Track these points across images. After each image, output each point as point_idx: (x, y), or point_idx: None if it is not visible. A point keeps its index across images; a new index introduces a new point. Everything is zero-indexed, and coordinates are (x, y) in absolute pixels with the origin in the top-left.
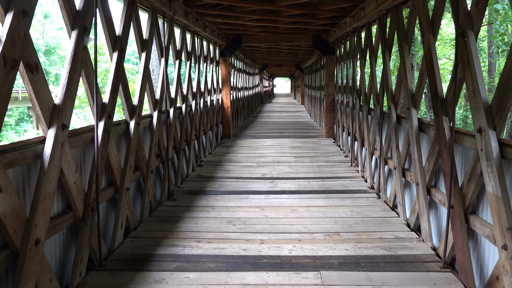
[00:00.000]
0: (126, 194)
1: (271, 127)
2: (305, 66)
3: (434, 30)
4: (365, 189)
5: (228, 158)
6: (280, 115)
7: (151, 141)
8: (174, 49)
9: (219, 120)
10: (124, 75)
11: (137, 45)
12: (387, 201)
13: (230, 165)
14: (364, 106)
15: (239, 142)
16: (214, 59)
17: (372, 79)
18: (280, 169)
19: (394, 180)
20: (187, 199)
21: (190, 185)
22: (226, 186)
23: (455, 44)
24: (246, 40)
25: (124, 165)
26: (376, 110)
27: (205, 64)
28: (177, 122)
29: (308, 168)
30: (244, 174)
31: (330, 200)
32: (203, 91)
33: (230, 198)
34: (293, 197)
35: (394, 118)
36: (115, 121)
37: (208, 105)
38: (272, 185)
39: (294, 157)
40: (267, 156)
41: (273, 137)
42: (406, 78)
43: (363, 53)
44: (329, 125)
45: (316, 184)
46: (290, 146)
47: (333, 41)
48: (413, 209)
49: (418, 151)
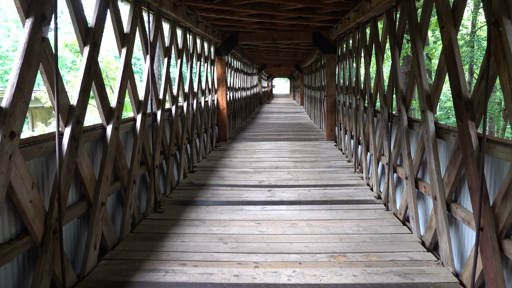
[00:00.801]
0: (101, 210)
1: (270, 129)
2: (304, 66)
3: (456, 21)
4: (371, 199)
5: (223, 163)
6: (279, 116)
7: (134, 148)
8: (163, 45)
9: (214, 122)
10: (98, 73)
11: (116, 40)
12: (396, 214)
13: (224, 171)
14: (370, 107)
15: (235, 145)
16: (208, 57)
17: (379, 78)
18: (278, 175)
19: (406, 191)
20: (176, 211)
21: (180, 194)
22: (220, 195)
23: (487, 35)
24: (243, 38)
25: (99, 176)
26: (384, 112)
27: (199, 62)
28: (167, 125)
29: (309, 174)
30: (240, 181)
31: (334, 213)
32: (196, 92)
33: (223, 209)
34: (293, 208)
35: (405, 122)
36: (88, 126)
37: (202, 106)
38: (269, 194)
39: (293, 162)
40: (264, 161)
41: (271, 139)
42: (420, 77)
43: (368, 50)
44: (330, 127)
45: (317, 193)
46: (289, 150)
47: (335, 39)
48: (429, 226)
49: (436, 160)
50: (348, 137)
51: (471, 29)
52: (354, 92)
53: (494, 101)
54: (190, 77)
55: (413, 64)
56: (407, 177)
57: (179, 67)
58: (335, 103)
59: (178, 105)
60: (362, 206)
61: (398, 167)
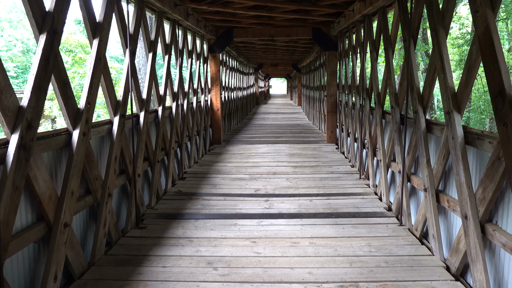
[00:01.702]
0: (63, 232)
1: (267, 131)
2: (302, 65)
3: (494, 2)
4: (381, 211)
5: (216, 169)
6: (276, 117)
7: (110, 155)
8: (147, 39)
9: (207, 123)
10: (60, 67)
11: (86, 30)
12: (412, 230)
13: (217, 177)
14: (377, 108)
15: (230, 148)
16: (201, 55)
17: (389, 75)
18: (276, 182)
19: (424, 205)
20: (160, 227)
21: (167, 206)
22: (211, 207)
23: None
24: (238, 34)
25: (62, 192)
26: (395, 114)
27: (190, 60)
28: (152, 128)
29: (310, 181)
30: (234, 189)
31: (340, 228)
32: (187, 91)
33: (214, 224)
34: (293, 223)
35: (423, 125)
36: (47, 131)
37: (194, 106)
38: (267, 205)
39: (292, 167)
40: (261, 166)
41: (268, 142)
42: (443, 72)
43: (374, 44)
44: (331, 129)
45: (320, 204)
46: (288, 154)
47: (336, 35)
48: (455, 248)
49: (466, 171)
50: (351, 139)
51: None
52: (358, 91)
53: None
54: (180, 75)
55: (433, 57)
56: (426, 188)
57: (167, 64)
58: (336, 103)
59: (165, 105)
60: (371, 219)
61: (413, 176)
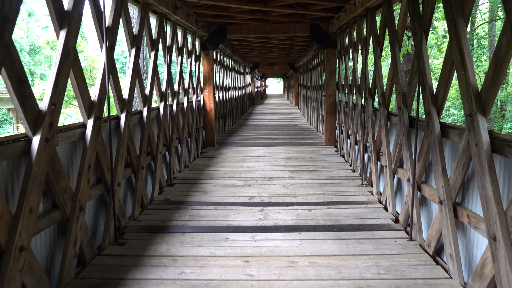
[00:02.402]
0: (18, 257)
1: (262, 132)
2: (299, 64)
3: None
4: (388, 223)
5: (208, 174)
6: (273, 117)
7: (82, 164)
8: (129, 32)
9: (200, 125)
10: (15, 62)
11: (51, 20)
12: (424, 246)
13: (209, 183)
14: (381, 109)
15: (224, 151)
16: (192, 52)
17: (396, 73)
18: (272, 189)
19: (439, 220)
20: (142, 242)
21: (152, 217)
22: (200, 218)
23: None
24: (232, 30)
25: (17, 210)
26: (403, 116)
27: (180, 57)
28: (137, 130)
29: (308, 188)
30: (226, 197)
31: (343, 244)
32: (177, 91)
33: (203, 239)
34: (291, 237)
35: (438, 128)
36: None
37: (185, 107)
38: (261, 216)
39: (289, 171)
40: (256, 170)
41: (264, 144)
42: (464, 69)
43: (378, 40)
44: (329, 130)
45: (320, 214)
46: (285, 157)
47: (335, 31)
48: (479, 273)
49: (494, 185)
50: (352, 142)
51: (470, 27)
52: (359, 90)
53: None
54: (169, 73)
55: (451, 51)
56: (442, 201)
57: (153, 61)
58: (335, 103)
59: (151, 106)
60: (378, 233)
61: (424, 185)
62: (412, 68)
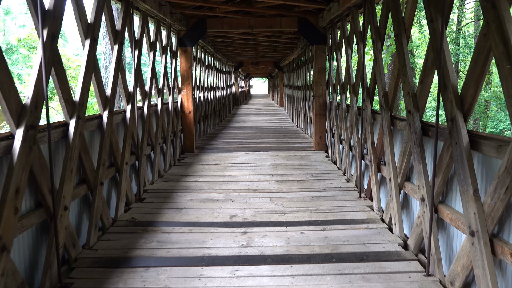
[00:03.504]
0: None
1: (247, 135)
2: (284, 63)
3: None
4: (396, 249)
5: (184, 185)
6: (258, 118)
7: (6, 187)
8: (81, 20)
9: (177, 128)
10: None
11: None
12: (445, 283)
13: (185, 197)
14: (384, 112)
15: (204, 157)
16: (168, 48)
17: (403, 70)
18: (257, 204)
19: (472, 256)
20: (93, 283)
21: (112, 244)
22: (170, 244)
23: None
24: (213, 24)
25: None
26: (413, 121)
27: (153, 53)
28: (95, 139)
29: (299, 202)
30: (204, 215)
31: (346, 282)
32: (148, 91)
33: (170, 277)
34: (280, 272)
35: (466, 138)
36: None
37: (159, 109)
38: (244, 242)
39: (277, 181)
40: (239, 180)
41: (248, 149)
42: (510, 62)
43: (379, 32)
44: (319, 134)
45: (315, 238)
46: (271, 164)
47: (325, 26)
48: None
49: None
50: (346, 148)
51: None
52: (354, 91)
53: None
54: (137, 70)
55: (485, 40)
56: (474, 232)
57: (116, 56)
58: (326, 104)
59: (113, 109)
60: (386, 265)
61: (442, 205)
62: (426, 63)
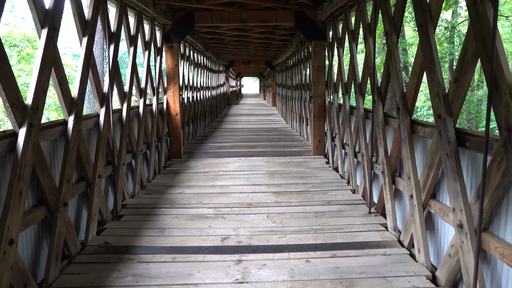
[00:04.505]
0: None
1: (239, 138)
2: (277, 62)
3: None
4: (425, 286)
5: (169, 198)
6: (250, 119)
7: None
8: (37, 7)
9: (163, 132)
10: None
11: None
12: None
13: (169, 214)
14: (402, 116)
15: (192, 164)
16: (151, 43)
17: (430, 66)
18: (253, 222)
19: None
20: None
21: (75, 280)
22: (148, 280)
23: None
24: (201, 18)
25: None
26: (445, 128)
27: (133, 48)
28: (58, 149)
29: (300, 219)
30: (190, 237)
31: None
32: (127, 91)
33: None
34: None
35: None
36: None
37: (141, 112)
38: (239, 276)
39: (274, 193)
40: (231, 192)
41: (241, 154)
42: None
43: (394, 24)
44: (318, 138)
45: (323, 269)
46: (266, 172)
47: (325, 20)
48: None
49: None
50: (350, 154)
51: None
52: (361, 90)
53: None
54: (113, 67)
55: None
56: None
57: (84, 50)
58: (325, 105)
59: (81, 114)
60: None
61: (487, 234)
62: (463, 57)
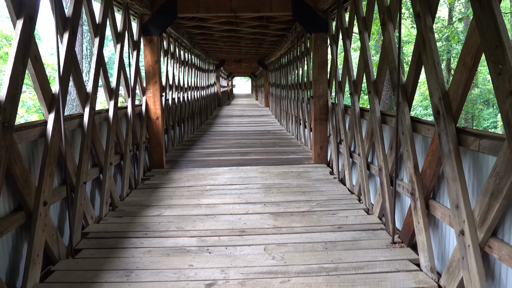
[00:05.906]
0: None
1: (230, 142)
2: (270, 61)
3: None
4: None
5: (143, 223)
6: (241, 121)
7: None
8: None
9: (141, 139)
10: None
11: None
12: None
13: (141, 246)
14: (445, 123)
15: (175, 176)
16: (124, 35)
17: (496, 53)
18: (247, 258)
19: None
20: None
21: None
22: None
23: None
24: (185, 7)
25: None
26: None
27: (98, 40)
28: None
29: (307, 253)
30: (164, 285)
31: None
32: (90, 92)
33: None
34: None
35: None
36: None
37: (111, 116)
38: None
39: (271, 214)
40: (220, 214)
41: (232, 163)
42: None
43: (427, 2)
44: (319, 144)
45: None
46: (262, 186)
47: (327, 8)
48: None
49: None
50: (362, 165)
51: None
52: (376, 89)
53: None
54: (68, 62)
55: None
56: None
57: (18, 37)
58: (328, 107)
59: (13, 120)
60: None
61: None
62: None
